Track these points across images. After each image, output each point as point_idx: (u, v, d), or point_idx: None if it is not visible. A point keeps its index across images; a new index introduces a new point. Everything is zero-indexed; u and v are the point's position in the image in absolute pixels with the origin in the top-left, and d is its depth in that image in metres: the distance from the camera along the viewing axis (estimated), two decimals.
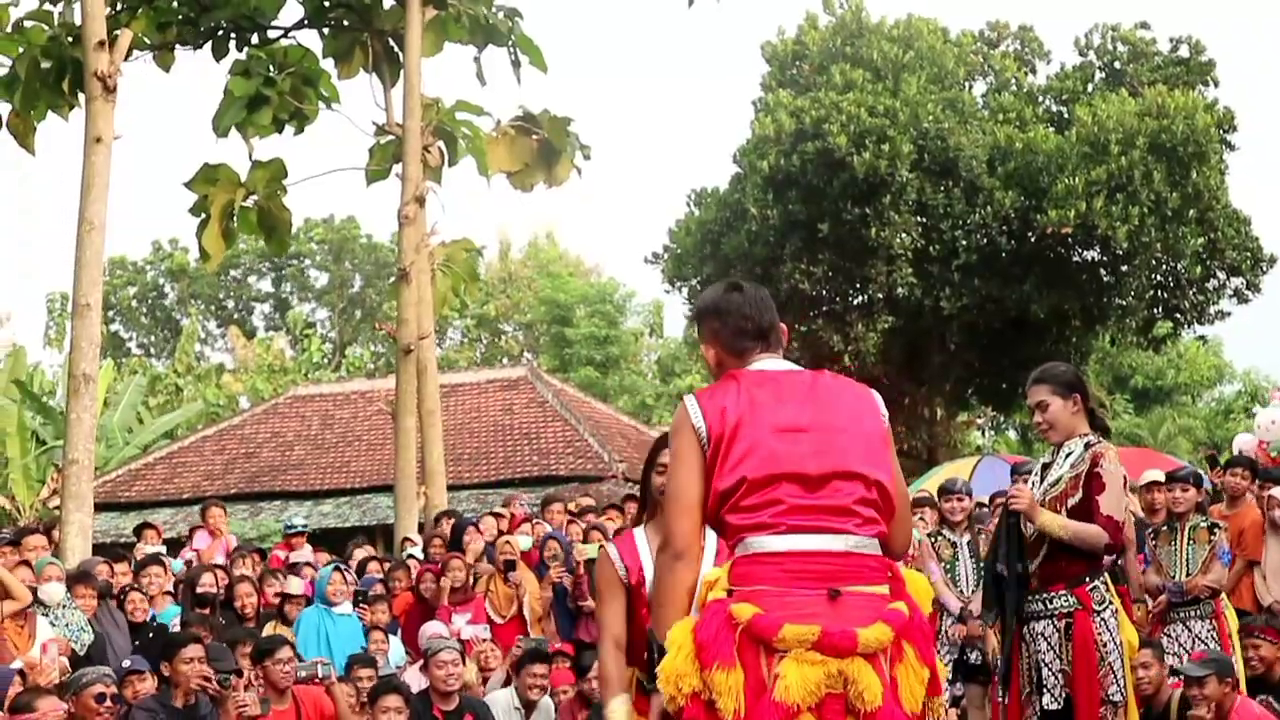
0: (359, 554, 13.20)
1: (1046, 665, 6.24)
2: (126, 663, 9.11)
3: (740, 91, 72.49)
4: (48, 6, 16.55)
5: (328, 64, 17.83)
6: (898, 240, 24.76)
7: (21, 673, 8.53)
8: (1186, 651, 8.90)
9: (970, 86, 27.58)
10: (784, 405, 4.08)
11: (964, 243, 24.93)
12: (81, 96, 15.04)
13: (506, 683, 9.99)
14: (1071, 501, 6.22)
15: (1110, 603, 6.25)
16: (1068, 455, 6.38)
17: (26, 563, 9.75)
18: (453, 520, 12.69)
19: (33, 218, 77.18)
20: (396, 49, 17.41)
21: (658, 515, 4.90)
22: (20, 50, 16.14)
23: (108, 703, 7.84)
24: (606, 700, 4.76)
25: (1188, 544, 9.40)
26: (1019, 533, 6.33)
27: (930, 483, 15.78)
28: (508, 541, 11.95)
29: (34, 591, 9.39)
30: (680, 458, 4.10)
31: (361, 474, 26.86)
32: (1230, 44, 78.45)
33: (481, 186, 28.01)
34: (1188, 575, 9.27)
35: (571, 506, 14.06)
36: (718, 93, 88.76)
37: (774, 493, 3.97)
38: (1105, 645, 6.16)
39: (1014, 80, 27.58)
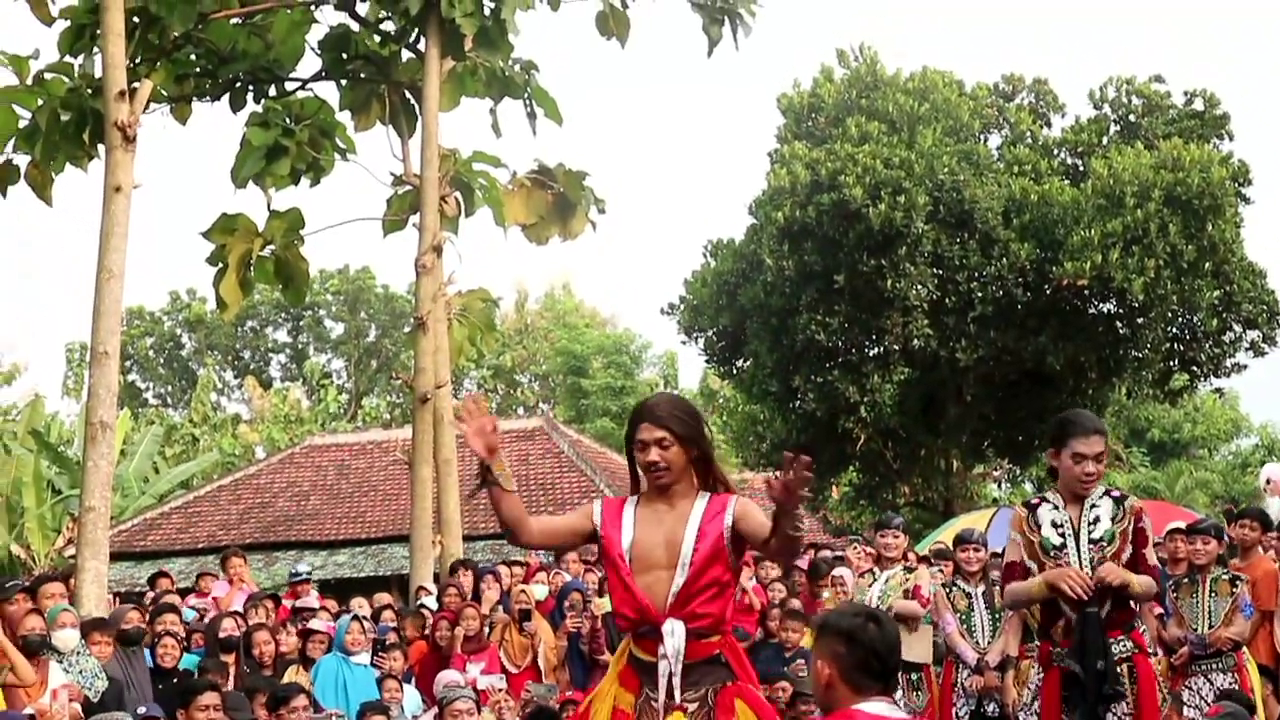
0: (378, 601, 13.17)
1: (1113, 713, 6.25)
2: (142, 709, 9.10)
3: (756, 144, 72.76)
4: (68, 59, 16.67)
5: (344, 116, 17.94)
6: (913, 292, 24.77)
7: (33, 718, 8.52)
8: (1207, 704, 8.85)
9: (986, 139, 27.64)
10: None
11: (980, 294, 24.91)
12: (101, 147, 15.13)
13: None
14: (1124, 557, 6.25)
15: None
16: (1094, 508, 6.36)
17: (39, 611, 9.73)
18: (470, 569, 12.66)
19: (50, 268, 77.57)
20: (413, 101, 17.51)
21: (644, 489, 5.17)
22: (40, 102, 16.25)
23: None
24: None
25: (1209, 596, 9.35)
26: (1099, 624, 6.22)
27: (946, 534, 15.75)
28: (523, 591, 11.94)
29: (47, 638, 9.38)
30: None
31: (377, 524, 26.84)
32: (1245, 97, 78.59)
33: (498, 238, 28.10)
34: (1210, 628, 9.23)
35: (588, 555, 14.03)
36: (733, 145, 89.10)
37: None
38: (1161, 684, 6.37)
39: (1029, 133, 27.63)
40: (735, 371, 29.09)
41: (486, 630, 11.40)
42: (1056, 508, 6.45)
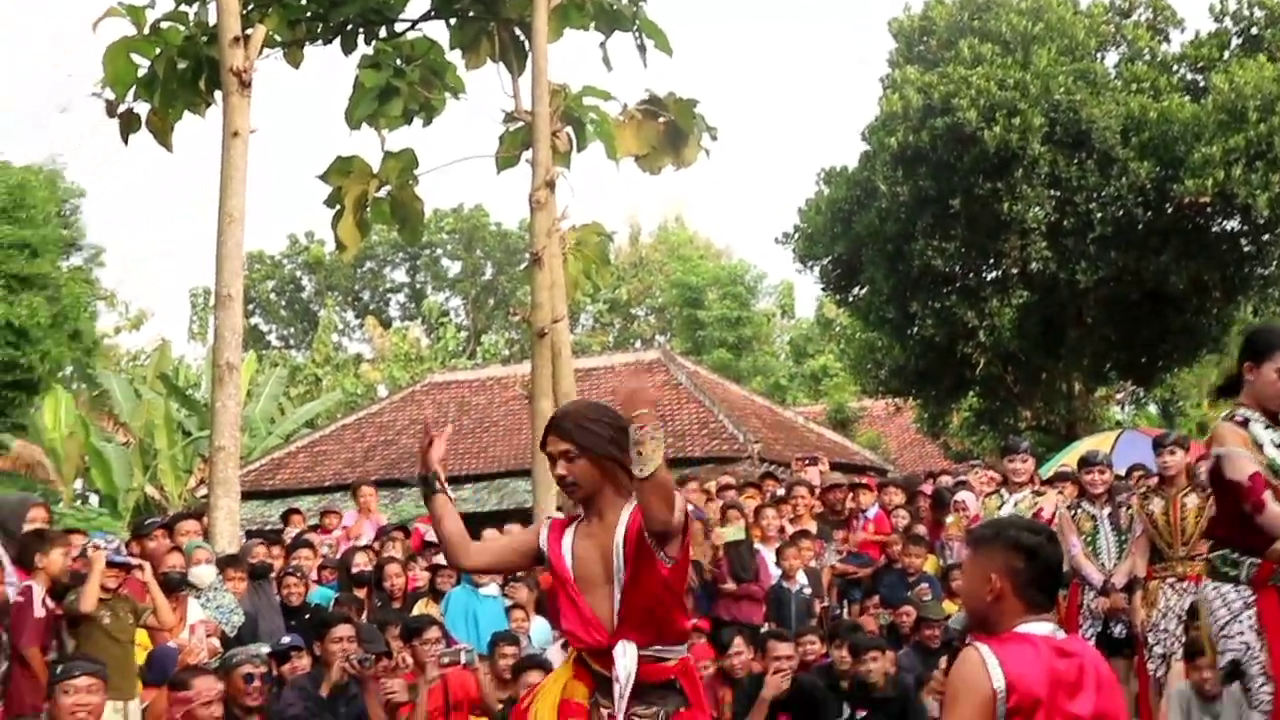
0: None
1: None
2: (285, 639, 9.33)
3: (868, 69, 71.97)
4: (183, 8, 16.87)
5: (454, 55, 18.00)
6: (1031, 214, 24.45)
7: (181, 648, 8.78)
8: None
9: (1102, 57, 27.11)
10: (1080, 693, 3.99)
11: (1099, 215, 24.53)
12: (217, 93, 15.34)
13: None
14: None
15: None
16: None
17: (178, 548, 10.00)
18: None
19: (172, 214, 78.78)
20: (523, 37, 17.52)
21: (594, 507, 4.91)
22: (158, 51, 16.47)
23: (255, 683, 8.01)
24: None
25: None
26: None
27: (1069, 458, 15.62)
28: None
29: (185, 575, 9.64)
30: (964, 717, 3.95)
31: (498, 459, 27.16)
32: None
33: (610, 171, 28.11)
34: None
35: (709, 485, 14.11)
36: (845, 71, 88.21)
37: None
38: None
39: (1147, 49, 27.05)
40: (851, 299, 28.94)
41: None
42: (1269, 426, 6.04)
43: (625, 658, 4.68)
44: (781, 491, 13.61)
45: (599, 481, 4.79)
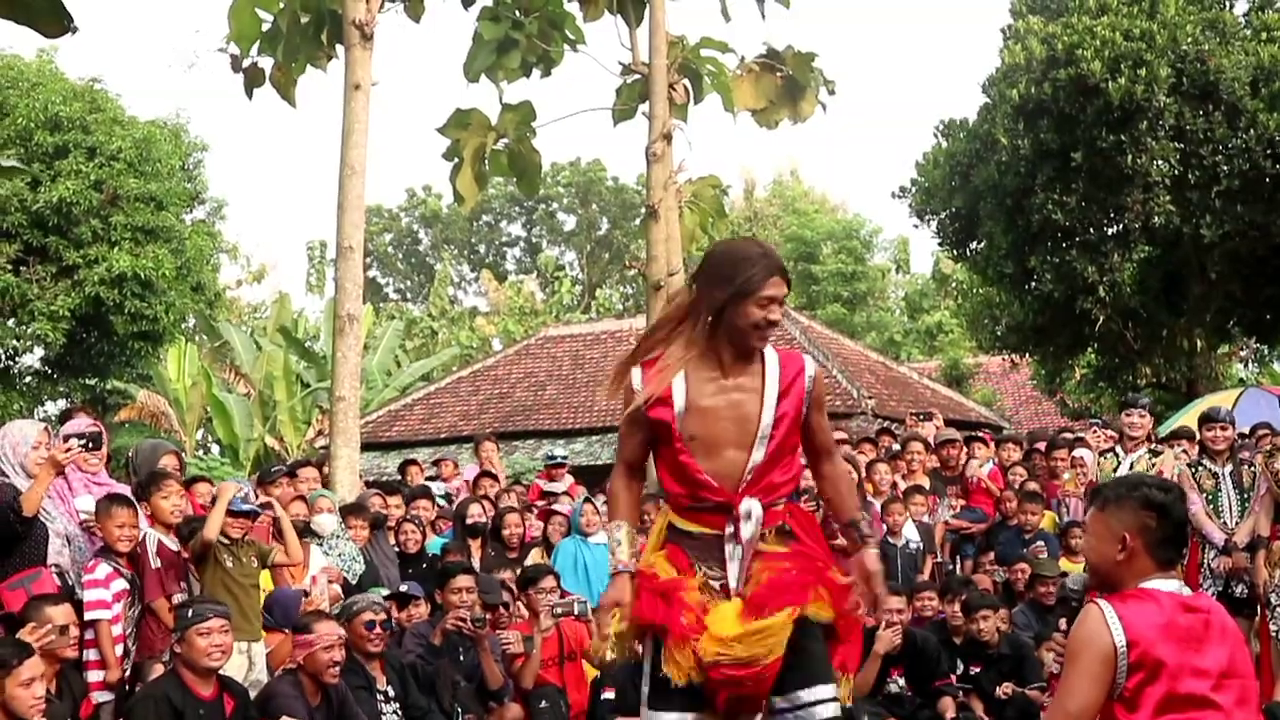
0: None
1: None
2: (404, 587, 9.48)
3: (989, 20, 71.00)
4: None
5: (573, 6, 18.02)
6: (1155, 167, 24.01)
7: (306, 594, 8.93)
8: None
9: (1232, 5, 26.49)
10: (1206, 648, 3.96)
11: (1225, 168, 24.03)
12: (339, 47, 15.50)
13: None
14: None
15: None
16: None
17: (302, 497, 10.17)
18: None
19: (290, 168, 79.71)
20: None
21: (711, 343, 4.69)
22: (281, 5, 16.66)
23: (376, 629, 8.15)
24: (609, 522, 4.93)
25: None
26: None
27: (1189, 416, 15.39)
28: None
29: (307, 523, 9.81)
30: (1084, 674, 3.95)
31: (612, 412, 27.21)
32: None
33: (726, 125, 28.03)
34: None
35: None
36: (965, 21, 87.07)
37: None
38: None
39: None
40: (969, 254, 28.64)
41: None
42: None
43: (751, 520, 4.64)
44: (896, 447, 13.57)
45: None
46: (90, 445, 8.03)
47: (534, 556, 10.96)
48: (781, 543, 4.74)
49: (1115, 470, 10.59)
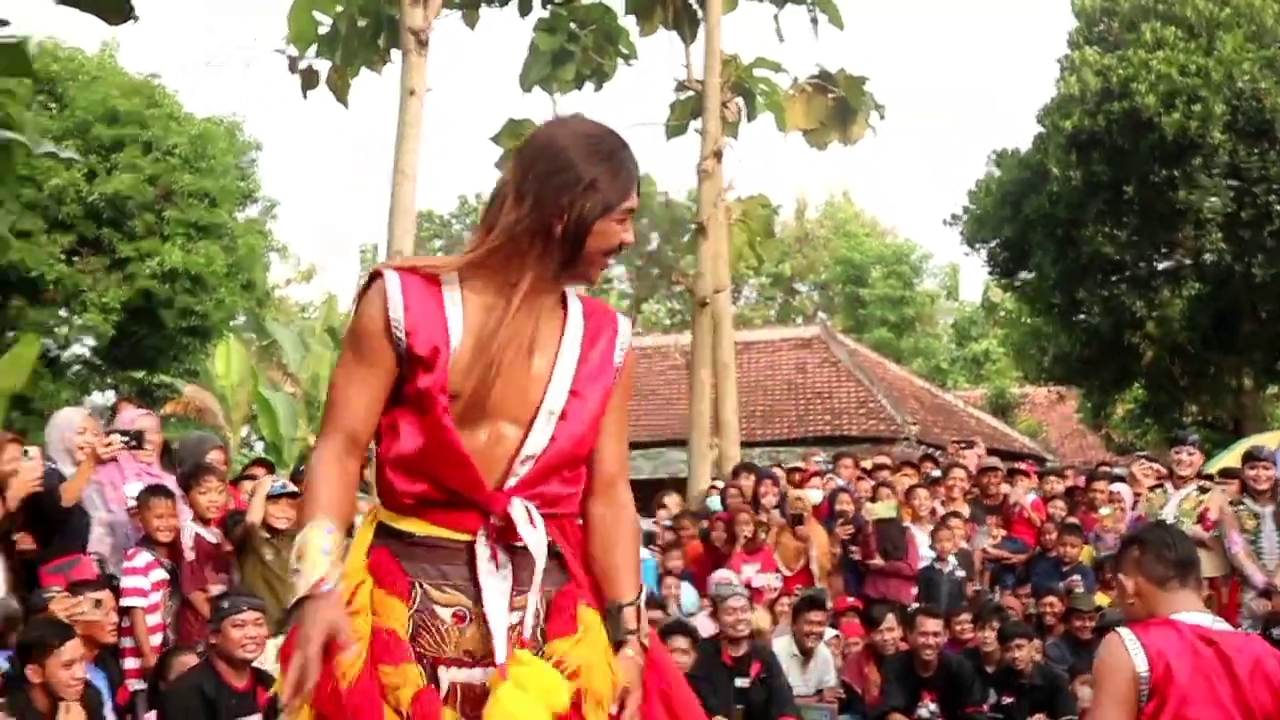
0: (656, 501, 13.44)
1: None
2: None
3: (1045, 50, 70.83)
4: None
5: (628, 20, 18.12)
6: (1207, 204, 23.89)
7: None
8: None
9: None
10: (1224, 682, 4.04)
11: (1279, 207, 23.93)
12: (395, 52, 15.63)
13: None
14: None
15: None
16: None
17: None
18: (751, 473, 12.81)
19: (342, 171, 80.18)
20: (696, 6, 17.58)
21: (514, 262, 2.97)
22: (339, 8, 16.83)
23: None
24: (304, 522, 2.92)
25: None
26: None
27: (1234, 456, 15.29)
28: (798, 496, 12.06)
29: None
30: (1110, 699, 4.06)
31: (654, 428, 27.28)
32: None
33: (777, 144, 28.06)
34: None
35: (866, 463, 14.09)
36: (1021, 51, 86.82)
37: None
38: None
39: None
40: (1018, 283, 28.58)
41: (763, 533, 11.56)
42: None
43: (537, 530, 2.98)
44: (938, 473, 13.55)
45: None
46: (133, 443, 8.12)
47: None
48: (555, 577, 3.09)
49: (1163, 506, 10.55)
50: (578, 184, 2.93)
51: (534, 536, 2.95)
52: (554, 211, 2.93)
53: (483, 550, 2.96)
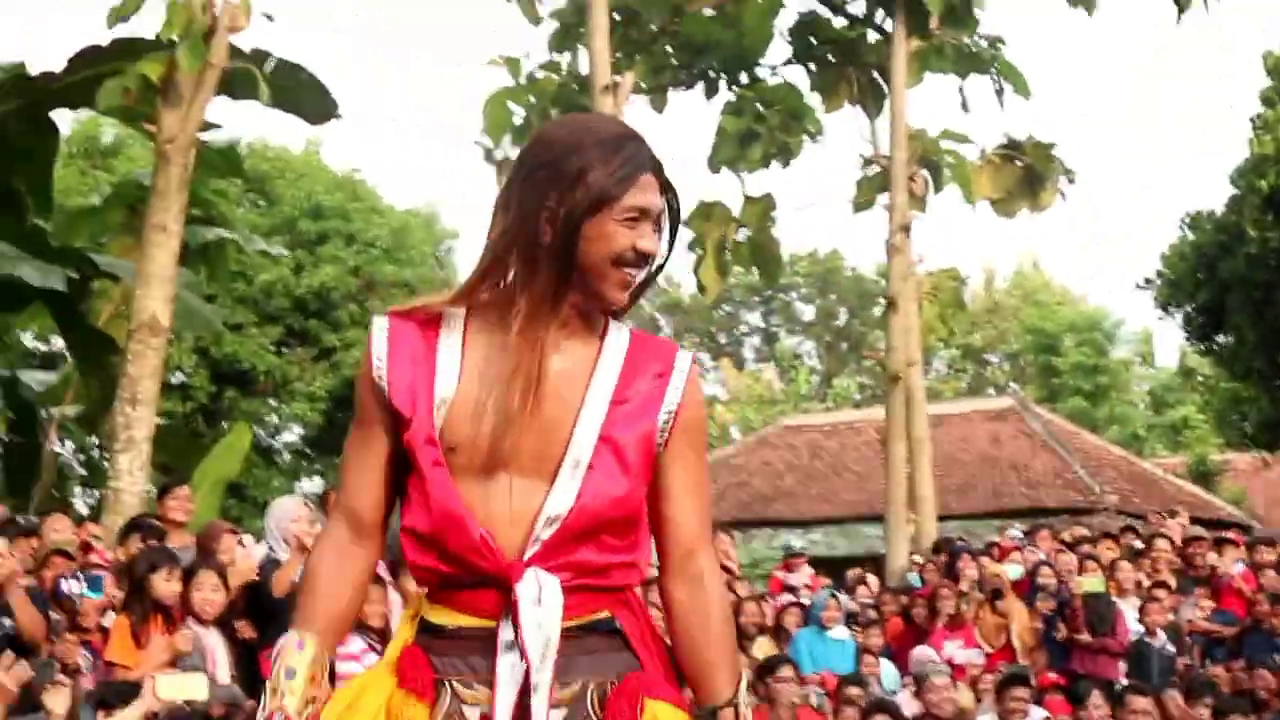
0: (852, 577, 13.46)
1: None
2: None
3: (1237, 108, 69.42)
4: (557, 58, 17.70)
5: (813, 99, 18.32)
6: None
7: None
8: None
9: None
10: None
11: None
12: None
13: None
14: None
15: None
16: None
17: None
18: (948, 548, 12.77)
19: None
20: (880, 81, 17.72)
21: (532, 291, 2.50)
22: (532, 100, 17.32)
23: None
24: (293, 628, 2.60)
25: None
26: None
27: None
28: (996, 573, 11.98)
29: None
30: None
31: (849, 504, 27.17)
32: None
33: (965, 215, 28.03)
34: None
35: (1065, 536, 13.94)
36: (1211, 111, 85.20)
37: None
38: None
39: None
40: (1216, 348, 28.00)
41: (964, 608, 11.50)
42: None
43: (543, 607, 2.46)
44: (1140, 545, 13.34)
45: None
46: None
47: (761, 645, 11.04)
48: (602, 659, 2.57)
49: None
50: (563, 178, 2.45)
51: (537, 617, 2.44)
52: (542, 215, 2.47)
53: (504, 635, 2.47)
